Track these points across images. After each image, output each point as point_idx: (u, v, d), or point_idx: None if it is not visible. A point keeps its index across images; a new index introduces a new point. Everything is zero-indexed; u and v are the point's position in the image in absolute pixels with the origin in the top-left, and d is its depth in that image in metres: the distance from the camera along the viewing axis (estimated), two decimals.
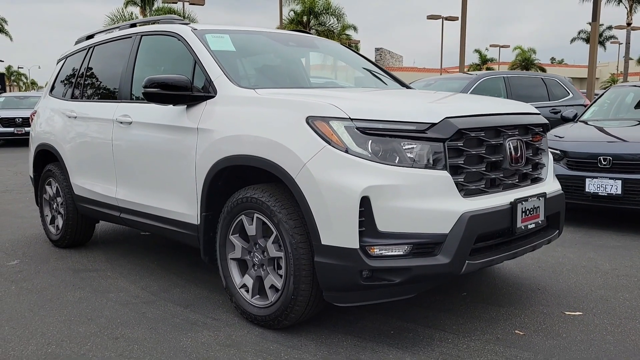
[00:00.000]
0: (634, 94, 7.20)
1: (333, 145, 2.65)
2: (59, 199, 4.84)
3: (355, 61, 4.61)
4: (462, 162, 2.73)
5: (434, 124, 2.68)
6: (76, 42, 5.22)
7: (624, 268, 4.15)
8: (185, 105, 3.41)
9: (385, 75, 4.49)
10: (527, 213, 2.96)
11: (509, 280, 3.84)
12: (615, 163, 5.29)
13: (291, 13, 33.24)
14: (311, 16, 32.72)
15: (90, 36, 5.04)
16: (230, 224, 3.12)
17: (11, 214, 6.40)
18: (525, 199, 2.94)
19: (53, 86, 5.21)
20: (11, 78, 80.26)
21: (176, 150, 3.45)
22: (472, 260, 2.70)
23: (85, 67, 4.77)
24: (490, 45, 56.88)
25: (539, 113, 3.42)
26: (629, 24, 40.71)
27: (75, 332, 3.02)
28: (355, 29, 35.99)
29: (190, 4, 30.57)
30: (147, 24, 4.36)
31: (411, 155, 2.65)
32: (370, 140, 2.64)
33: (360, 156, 2.61)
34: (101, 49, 4.67)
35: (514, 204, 2.86)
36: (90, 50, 4.79)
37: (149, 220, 3.79)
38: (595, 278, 3.91)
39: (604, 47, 51.20)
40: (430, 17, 36.68)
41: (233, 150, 3.06)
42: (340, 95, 3.14)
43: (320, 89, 3.78)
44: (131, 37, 4.23)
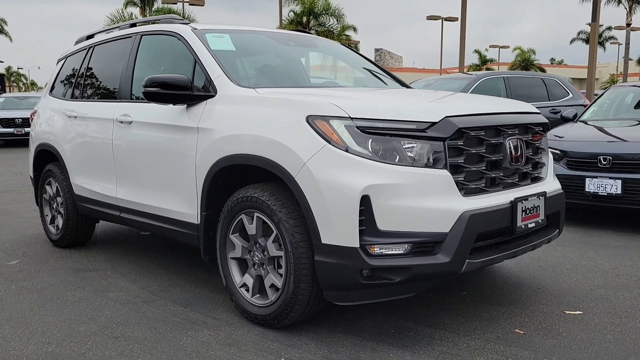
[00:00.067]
0: (634, 94, 7.21)
1: (333, 144, 2.65)
2: (59, 199, 4.84)
3: (355, 61, 4.61)
4: (462, 161, 2.73)
5: (434, 123, 2.68)
6: (76, 42, 5.22)
7: (624, 267, 4.15)
8: (186, 105, 3.41)
9: (385, 75, 4.50)
10: (527, 212, 2.96)
11: (509, 280, 3.84)
12: (615, 163, 5.30)
13: (291, 14, 33.26)
14: (311, 17, 32.73)
15: (91, 36, 5.04)
16: (230, 223, 3.13)
17: (11, 214, 6.40)
18: (525, 198, 2.94)
19: (53, 86, 5.22)
20: (11, 79, 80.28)
21: (176, 150, 3.45)
22: (472, 259, 2.70)
23: (86, 67, 4.77)
24: (490, 46, 56.88)
25: (539, 112, 3.42)
26: (628, 25, 40.76)
27: (75, 332, 3.02)
28: (354, 29, 36.02)
29: (190, 4, 30.61)
30: (147, 24, 4.36)
31: (411, 154, 2.65)
32: (371, 139, 2.64)
33: (361, 155, 2.61)
34: (101, 48, 4.67)
35: (514, 203, 2.86)
36: (91, 50, 4.79)
37: (149, 220, 3.79)
38: (595, 277, 3.91)
39: (604, 48, 51.28)
40: (430, 18, 36.71)
41: (233, 150, 3.06)
42: (340, 95, 3.15)
43: (321, 89, 3.78)
44: (131, 37, 4.24)
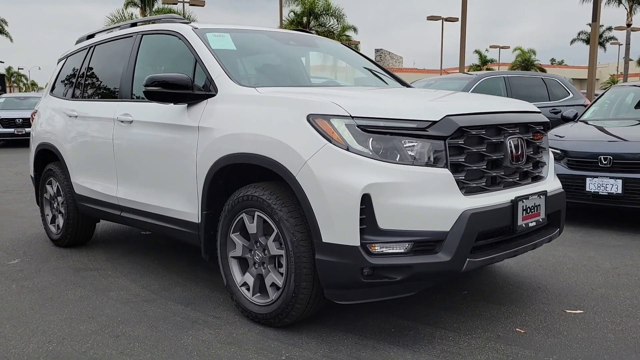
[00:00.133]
0: (634, 94, 7.21)
1: (334, 143, 2.65)
2: (60, 198, 4.84)
3: (355, 60, 4.61)
4: (463, 160, 2.73)
5: (434, 122, 2.68)
6: (77, 42, 5.22)
7: (625, 267, 4.15)
8: (186, 104, 3.42)
9: (386, 74, 4.49)
10: (528, 211, 2.96)
11: (510, 279, 3.84)
12: (615, 162, 5.30)
13: (291, 14, 33.28)
14: (311, 17, 32.74)
15: (91, 35, 5.05)
16: (231, 222, 3.13)
17: (12, 214, 6.41)
18: (526, 197, 2.94)
19: (54, 86, 5.22)
20: (11, 79, 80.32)
21: (177, 149, 3.45)
22: (473, 258, 2.69)
23: (86, 67, 4.77)
24: (490, 46, 56.90)
25: (540, 111, 3.42)
26: (629, 25, 40.77)
27: (76, 330, 3.02)
28: (355, 30, 36.05)
29: (190, 4, 30.65)
30: (148, 24, 4.36)
31: (412, 153, 2.65)
32: (371, 138, 2.64)
33: (361, 154, 2.61)
34: (102, 48, 4.67)
35: (514, 202, 2.86)
36: (91, 49, 4.79)
37: (149, 219, 3.79)
38: (596, 277, 3.91)
39: (604, 48, 51.29)
40: (430, 18, 36.72)
41: (234, 149, 3.06)
42: (341, 94, 3.15)
43: (321, 88, 3.79)
44: (132, 37, 4.24)
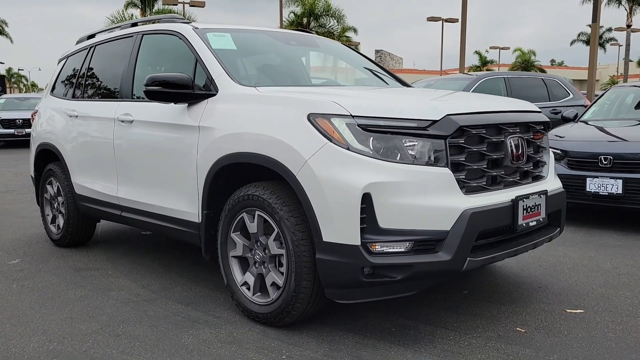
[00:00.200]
0: (634, 94, 7.21)
1: (334, 142, 2.65)
2: (60, 198, 4.84)
3: (356, 60, 4.61)
4: (464, 159, 2.73)
5: (435, 121, 2.68)
6: (77, 42, 5.23)
7: (625, 267, 4.15)
8: (187, 104, 3.42)
9: (387, 74, 4.50)
10: (529, 210, 2.96)
11: (510, 279, 3.84)
12: (615, 162, 5.30)
13: (291, 15, 33.30)
14: (311, 18, 32.74)
15: (92, 36, 5.05)
16: (231, 221, 3.13)
17: (12, 214, 6.41)
18: (526, 196, 2.94)
19: (54, 86, 5.22)
20: (11, 80, 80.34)
21: (177, 149, 3.46)
22: (474, 257, 2.69)
23: (87, 67, 4.77)
24: (490, 47, 56.90)
25: (540, 111, 3.43)
26: (628, 26, 40.76)
27: (76, 330, 3.02)
28: (355, 30, 36.07)
29: (191, 5, 30.68)
30: (148, 23, 4.36)
31: (412, 152, 2.65)
32: (372, 137, 2.64)
33: (362, 153, 2.61)
34: (102, 48, 4.67)
35: (515, 201, 2.86)
36: (92, 49, 4.79)
37: (150, 219, 3.79)
38: (596, 276, 3.91)
39: (604, 49, 51.31)
40: (430, 19, 36.73)
41: (234, 148, 3.06)
42: (341, 93, 3.15)
43: (322, 87, 3.79)
44: (132, 36, 4.24)
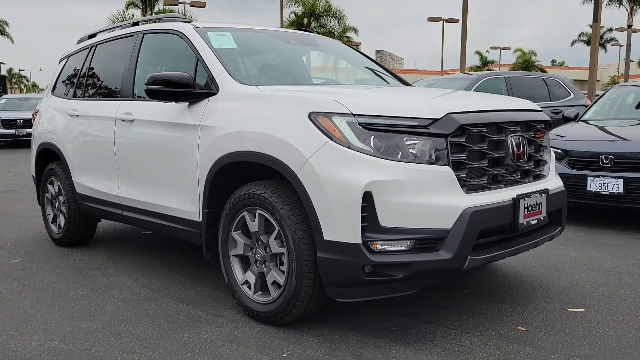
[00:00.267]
0: (635, 94, 7.20)
1: (335, 140, 2.65)
2: (61, 198, 4.84)
3: (357, 60, 4.61)
4: (465, 158, 2.73)
5: (436, 120, 2.68)
6: (78, 41, 5.23)
7: (627, 266, 4.15)
8: (188, 103, 3.42)
9: (388, 74, 4.49)
10: (529, 209, 2.96)
11: (511, 278, 3.84)
12: (616, 162, 5.29)
13: (292, 15, 33.30)
14: (312, 18, 32.74)
15: (93, 35, 5.05)
16: (232, 220, 3.13)
17: (13, 214, 6.41)
18: (527, 195, 2.94)
19: (55, 85, 5.22)
20: (12, 80, 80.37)
21: (178, 148, 3.46)
22: (475, 255, 2.69)
23: (88, 66, 4.78)
24: (491, 48, 56.85)
25: (541, 110, 3.43)
26: (629, 26, 40.76)
27: (77, 329, 3.02)
28: (356, 31, 36.07)
29: (191, 6, 30.70)
30: (149, 23, 4.37)
31: (413, 151, 2.65)
32: (373, 136, 2.64)
33: (363, 151, 2.62)
34: (103, 47, 4.68)
35: (516, 200, 2.86)
36: (93, 49, 4.80)
37: (151, 218, 3.79)
38: (597, 276, 3.90)
39: (605, 49, 51.27)
40: (431, 20, 36.71)
41: (235, 147, 3.06)
42: (342, 92, 3.15)
43: (323, 86, 3.79)
44: (133, 36, 4.24)
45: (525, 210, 2.93)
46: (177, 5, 31.30)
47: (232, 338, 2.87)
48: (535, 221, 3.01)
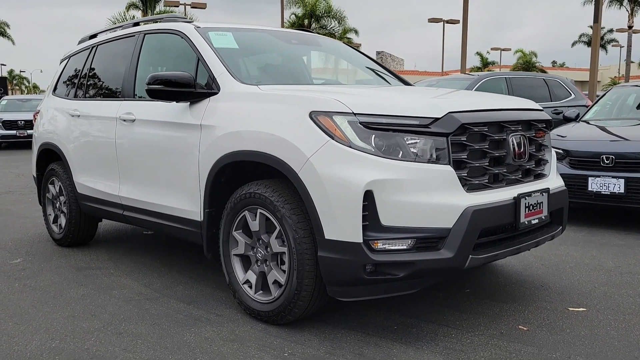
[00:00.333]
0: (636, 95, 7.20)
1: (336, 139, 2.65)
2: (62, 198, 4.84)
3: (358, 60, 4.61)
4: (466, 157, 2.73)
5: (437, 119, 2.68)
6: (79, 42, 5.23)
7: (628, 265, 4.14)
8: (189, 102, 3.42)
9: (388, 74, 4.49)
10: (531, 208, 2.96)
11: (512, 278, 3.84)
12: (617, 162, 5.29)
13: (292, 16, 33.31)
14: (312, 19, 32.74)
15: (94, 35, 5.06)
16: (233, 220, 3.13)
17: (14, 214, 6.42)
18: (528, 194, 2.94)
19: (56, 86, 5.23)
20: (13, 82, 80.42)
21: (179, 147, 3.46)
22: (476, 255, 2.69)
23: (89, 66, 4.78)
24: (492, 49, 56.90)
25: (542, 109, 3.43)
26: (630, 27, 40.73)
27: (78, 328, 3.03)
28: (356, 32, 36.10)
29: (192, 7, 30.73)
30: (150, 23, 4.37)
31: (414, 150, 2.65)
32: (374, 135, 2.64)
33: (364, 150, 2.62)
34: (104, 47, 4.68)
35: (517, 199, 2.86)
36: (94, 49, 4.80)
37: (152, 218, 3.79)
38: (598, 275, 3.90)
39: (606, 50, 51.24)
40: (431, 21, 36.73)
41: (236, 146, 3.06)
42: (343, 91, 3.15)
43: (324, 85, 3.80)
44: (134, 36, 4.25)
45: (527, 209, 2.92)
46: (178, 6, 31.35)
47: (233, 337, 2.87)
48: (536, 220, 3.01)
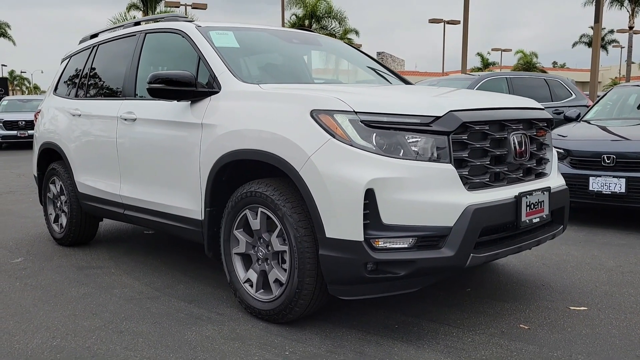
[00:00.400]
0: (637, 95, 7.20)
1: (337, 138, 2.65)
2: (63, 197, 4.84)
3: (358, 59, 4.61)
4: (467, 156, 2.73)
5: (438, 117, 2.68)
6: (80, 41, 5.24)
7: (629, 265, 4.14)
8: (190, 101, 3.42)
9: (389, 73, 4.49)
10: (532, 207, 2.95)
11: (513, 277, 3.84)
12: (618, 161, 5.29)
13: (293, 17, 33.31)
14: (313, 20, 32.74)
15: (95, 35, 5.06)
16: (234, 218, 3.13)
17: (15, 214, 6.42)
18: (529, 193, 2.94)
19: (57, 85, 5.23)
20: (14, 82, 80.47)
21: (180, 146, 3.46)
22: (477, 253, 2.69)
23: (90, 66, 4.78)
24: (492, 49, 56.80)
25: (543, 108, 3.43)
26: (630, 28, 40.69)
27: (80, 326, 3.03)
28: (357, 32, 36.08)
29: (193, 7, 30.75)
30: (151, 22, 4.37)
31: (415, 149, 2.65)
32: (375, 134, 2.64)
33: (365, 149, 2.61)
34: (105, 47, 4.68)
35: (518, 198, 2.85)
36: (95, 48, 4.80)
37: (153, 217, 3.79)
38: (599, 274, 3.90)
39: (606, 51, 51.21)
40: (432, 21, 36.73)
41: (237, 145, 3.06)
42: (344, 90, 3.15)
43: (324, 84, 3.80)
44: (135, 35, 4.25)
45: (528, 208, 2.92)
46: (179, 7, 31.38)
47: (234, 336, 2.87)
48: (537, 219, 3.01)
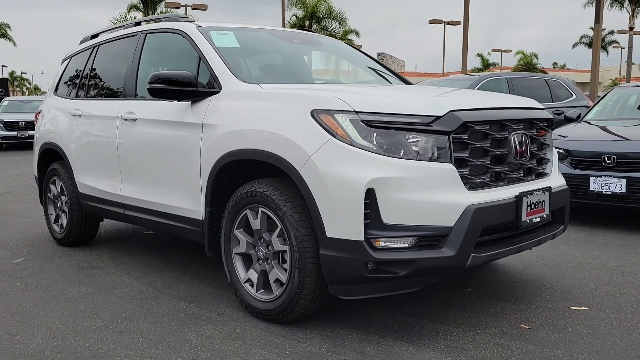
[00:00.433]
0: (637, 95, 7.19)
1: (338, 138, 2.65)
2: (63, 198, 4.84)
3: (359, 59, 4.61)
4: (467, 155, 2.73)
5: (438, 117, 2.68)
6: (81, 42, 5.24)
7: (630, 265, 4.14)
8: (190, 101, 3.42)
9: (390, 73, 4.49)
10: (532, 207, 2.95)
11: (514, 277, 3.84)
12: (619, 162, 5.29)
13: (293, 18, 33.33)
14: (313, 21, 32.76)
15: (95, 35, 5.06)
16: (235, 218, 3.13)
17: (15, 214, 6.42)
18: (530, 192, 2.94)
19: (58, 86, 5.23)
20: (14, 83, 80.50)
21: (181, 146, 3.46)
22: (477, 253, 2.69)
23: (90, 66, 4.79)
24: (493, 50, 56.81)
25: (544, 108, 3.43)
26: (631, 28, 40.69)
27: (80, 326, 3.02)
28: (357, 33, 36.14)
29: (193, 8, 30.77)
30: (152, 22, 4.37)
31: (416, 148, 2.65)
32: (375, 133, 2.64)
33: (365, 149, 2.61)
34: (106, 47, 4.69)
35: (519, 198, 2.85)
36: (95, 49, 4.81)
37: (153, 217, 3.79)
38: (600, 275, 3.90)
39: (607, 52, 51.20)
40: (432, 22, 36.77)
41: (238, 145, 3.06)
42: (345, 89, 3.15)
43: (325, 84, 3.80)
44: (136, 35, 4.25)
45: (528, 208, 2.92)
46: (179, 8, 31.41)
47: (235, 335, 2.87)
48: (538, 219, 3.01)
